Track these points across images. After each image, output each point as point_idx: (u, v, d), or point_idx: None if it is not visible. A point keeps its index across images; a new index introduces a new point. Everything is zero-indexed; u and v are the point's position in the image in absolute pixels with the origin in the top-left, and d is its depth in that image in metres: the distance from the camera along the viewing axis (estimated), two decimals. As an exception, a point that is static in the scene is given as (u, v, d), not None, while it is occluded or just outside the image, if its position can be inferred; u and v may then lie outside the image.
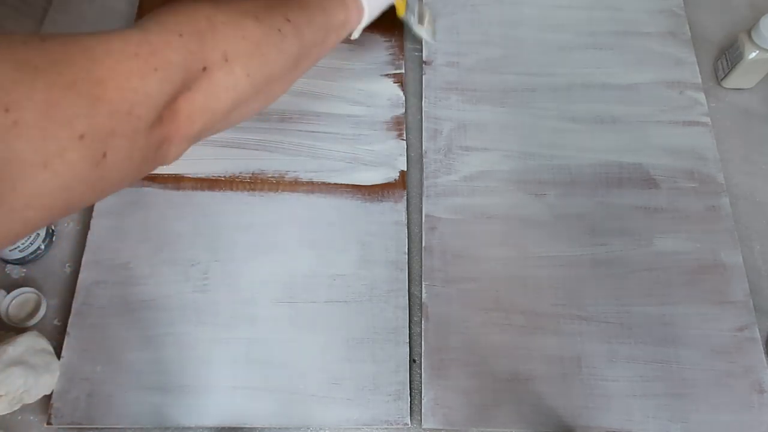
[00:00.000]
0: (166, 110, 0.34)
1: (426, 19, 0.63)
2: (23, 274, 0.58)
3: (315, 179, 0.61)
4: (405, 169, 0.62)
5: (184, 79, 0.34)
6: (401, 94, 0.66)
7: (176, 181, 0.61)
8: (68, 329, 0.54)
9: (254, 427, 0.52)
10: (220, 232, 0.59)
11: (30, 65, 0.27)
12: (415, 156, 0.64)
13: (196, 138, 0.38)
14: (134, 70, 0.31)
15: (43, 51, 0.28)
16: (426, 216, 0.60)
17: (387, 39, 0.69)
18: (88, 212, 0.60)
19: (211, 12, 0.36)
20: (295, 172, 0.62)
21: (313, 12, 0.45)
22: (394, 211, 0.60)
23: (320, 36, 0.47)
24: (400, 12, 0.58)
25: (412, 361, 0.55)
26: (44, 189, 0.28)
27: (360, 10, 0.51)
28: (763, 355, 0.55)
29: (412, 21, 0.60)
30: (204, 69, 0.35)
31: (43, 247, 0.57)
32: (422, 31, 0.62)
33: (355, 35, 0.53)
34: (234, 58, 0.36)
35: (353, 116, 0.65)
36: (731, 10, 0.74)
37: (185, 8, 0.36)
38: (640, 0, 0.72)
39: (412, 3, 0.59)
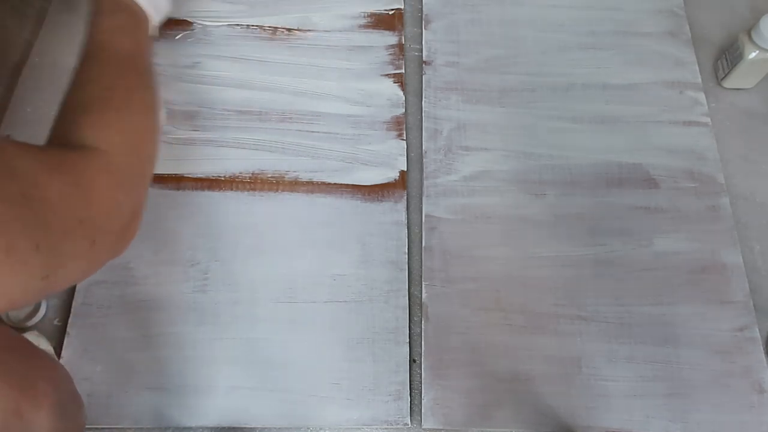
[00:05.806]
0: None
1: None
2: (23, 274, 0.58)
3: (315, 179, 0.61)
4: (405, 169, 0.62)
5: None
6: (401, 94, 0.66)
7: (176, 181, 0.61)
8: (68, 329, 0.54)
9: (254, 427, 0.52)
10: (220, 232, 0.59)
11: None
12: (415, 156, 0.64)
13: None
14: None
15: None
16: (426, 216, 0.60)
17: (387, 39, 0.69)
18: (88, 212, 0.59)
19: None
20: (295, 172, 0.62)
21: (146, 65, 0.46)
22: (394, 211, 0.60)
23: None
24: None
25: (412, 361, 0.55)
26: None
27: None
28: (763, 355, 0.55)
29: None
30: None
31: (43, 247, 0.57)
32: None
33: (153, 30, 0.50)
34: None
35: (353, 116, 0.65)
36: (731, 10, 0.74)
37: None
38: (640, 0, 0.72)
39: None
